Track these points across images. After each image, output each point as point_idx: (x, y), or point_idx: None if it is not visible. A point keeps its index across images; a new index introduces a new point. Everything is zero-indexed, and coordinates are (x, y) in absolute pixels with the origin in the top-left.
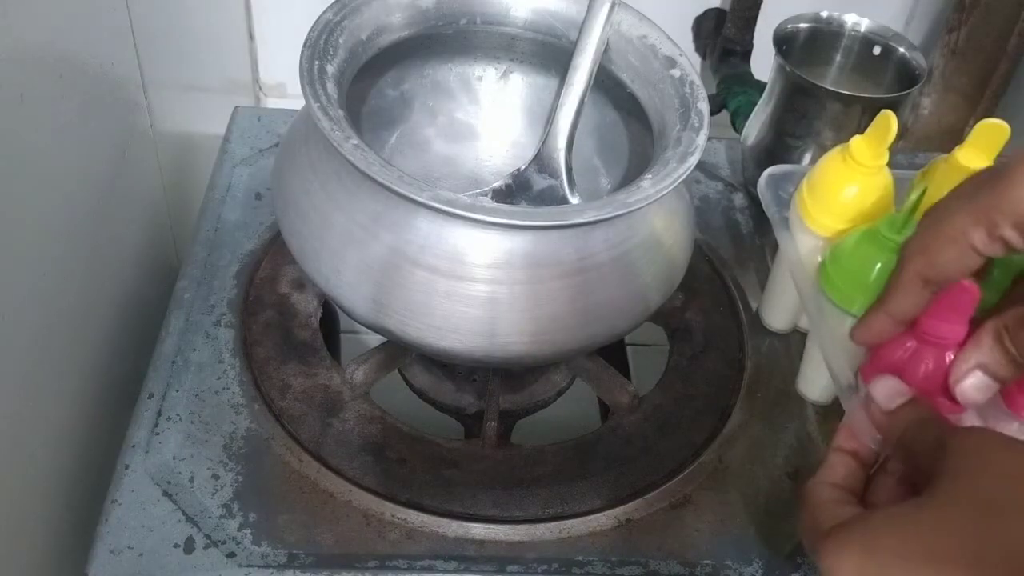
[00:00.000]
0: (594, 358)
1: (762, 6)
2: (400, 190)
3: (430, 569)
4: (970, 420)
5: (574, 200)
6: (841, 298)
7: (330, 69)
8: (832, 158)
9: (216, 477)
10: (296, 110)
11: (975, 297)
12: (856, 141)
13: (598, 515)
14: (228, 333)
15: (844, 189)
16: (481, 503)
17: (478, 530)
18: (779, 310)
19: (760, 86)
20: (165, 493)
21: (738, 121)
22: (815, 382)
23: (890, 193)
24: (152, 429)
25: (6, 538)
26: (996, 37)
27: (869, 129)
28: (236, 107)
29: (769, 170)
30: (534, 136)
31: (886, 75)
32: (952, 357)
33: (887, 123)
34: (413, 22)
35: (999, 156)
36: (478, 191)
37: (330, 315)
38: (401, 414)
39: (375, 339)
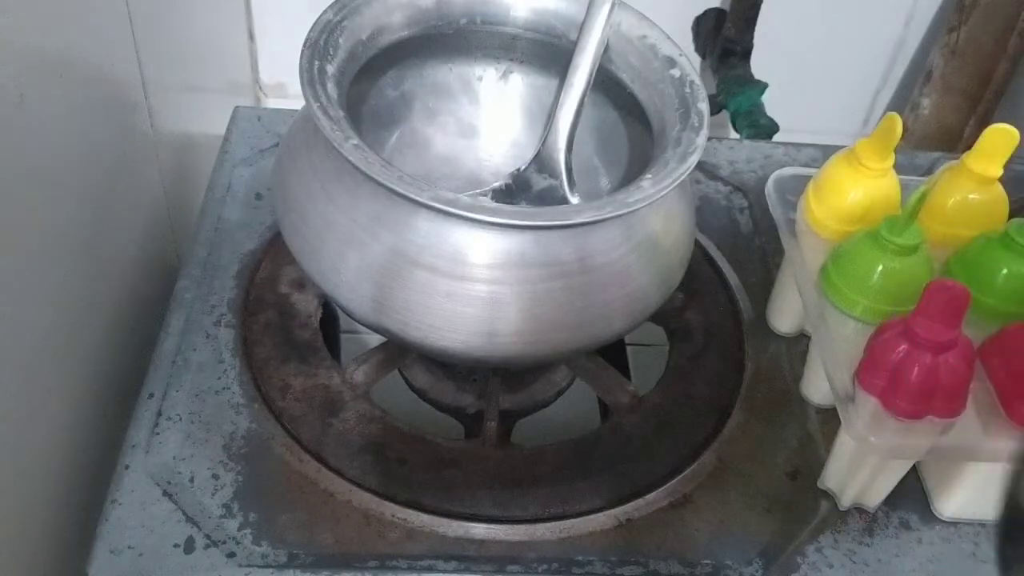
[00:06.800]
0: (594, 358)
1: (762, 6)
2: (400, 190)
3: (430, 569)
4: (967, 426)
5: (574, 200)
6: (842, 301)
7: (330, 69)
8: (838, 161)
9: (216, 477)
10: (296, 110)
11: (966, 299)
12: (862, 144)
13: (598, 515)
14: (228, 333)
15: (850, 192)
16: (481, 503)
17: (478, 530)
18: (785, 313)
19: (760, 86)
20: (165, 493)
21: (738, 121)
22: (819, 386)
23: (896, 196)
24: (152, 429)
25: (6, 538)
26: (996, 37)
27: (875, 132)
28: (236, 107)
29: (776, 173)
30: (534, 136)
31: None
32: (945, 359)
33: (892, 126)
34: (413, 22)
35: (1009, 162)
36: (478, 191)
37: (330, 315)
38: (401, 414)
39: (375, 339)
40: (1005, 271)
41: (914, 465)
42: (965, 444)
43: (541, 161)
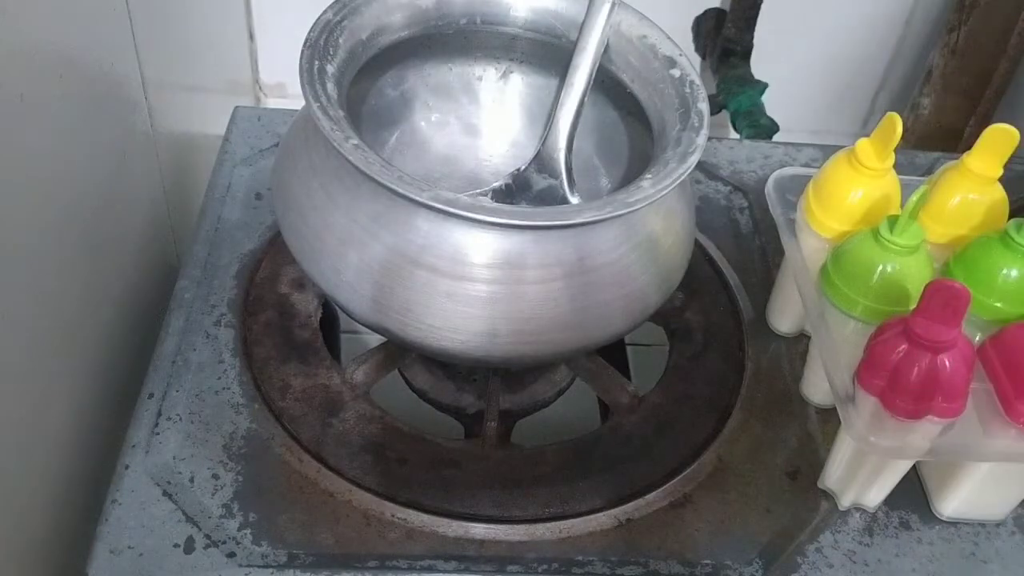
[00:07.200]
0: (594, 358)
1: (762, 6)
2: (400, 190)
3: (430, 569)
4: (967, 426)
5: (574, 200)
6: (842, 301)
7: (330, 69)
8: (838, 161)
9: (216, 477)
10: (296, 110)
11: (966, 299)
12: (862, 144)
13: (598, 515)
14: (228, 333)
15: (850, 192)
16: (481, 503)
17: (478, 530)
18: (785, 313)
19: (760, 86)
20: (165, 493)
21: (738, 121)
22: (819, 386)
23: (896, 196)
24: (152, 429)
25: (6, 538)
26: (996, 37)
27: (875, 132)
28: (236, 107)
29: (776, 173)
30: (534, 136)
31: None
32: (945, 359)
33: (892, 126)
34: (413, 22)
35: (1009, 162)
36: (478, 191)
37: (330, 315)
38: (401, 414)
39: (375, 339)
40: (1005, 271)
41: (914, 465)
42: (965, 444)
43: (541, 161)
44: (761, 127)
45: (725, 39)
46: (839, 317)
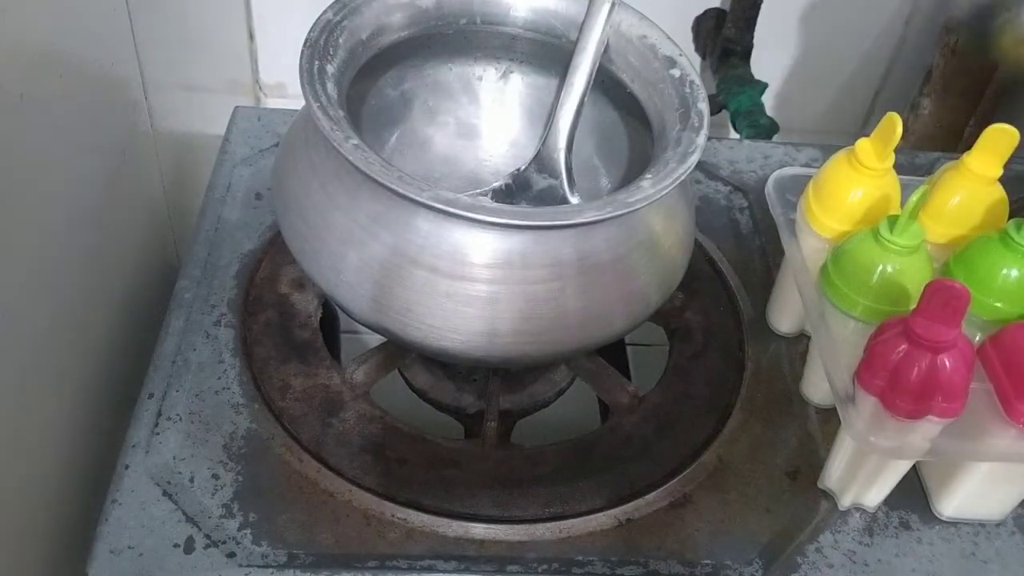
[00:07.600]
0: (594, 358)
1: (762, 6)
2: (400, 190)
3: (430, 569)
4: (967, 426)
5: (574, 200)
6: (842, 301)
7: (330, 69)
8: (838, 161)
9: (216, 477)
10: (296, 110)
11: (966, 299)
12: (862, 144)
13: (598, 515)
14: (228, 333)
15: (850, 192)
16: (481, 503)
17: (478, 530)
18: (785, 313)
19: (760, 86)
20: (165, 493)
21: (738, 121)
22: (819, 386)
23: (896, 196)
24: (152, 429)
25: (6, 538)
26: None
27: (875, 132)
28: (236, 107)
29: (776, 173)
30: (534, 136)
31: None
32: (945, 359)
33: (892, 126)
34: (413, 22)
35: (1009, 162)
36: (478, 191)
37: (330, 315)
38: (401, 414)
39: (375, 339)
40: (1005, 271)
41: (914, 465)
42: (965, 444)
43: (541, 161)
44: (761, 127)
45: (725, 39)
46: (839, 317)
